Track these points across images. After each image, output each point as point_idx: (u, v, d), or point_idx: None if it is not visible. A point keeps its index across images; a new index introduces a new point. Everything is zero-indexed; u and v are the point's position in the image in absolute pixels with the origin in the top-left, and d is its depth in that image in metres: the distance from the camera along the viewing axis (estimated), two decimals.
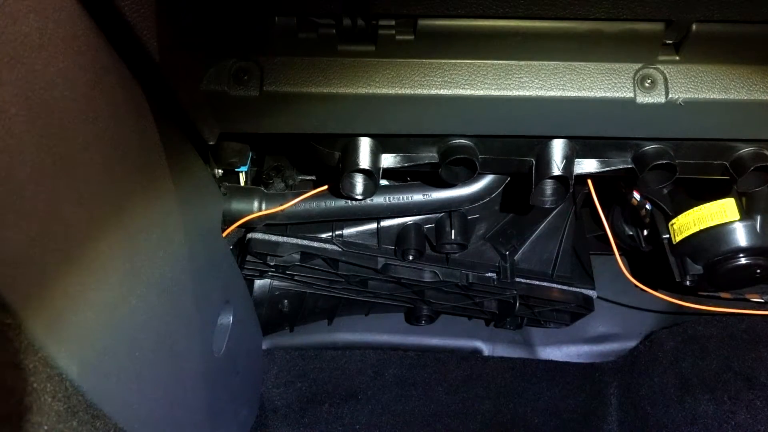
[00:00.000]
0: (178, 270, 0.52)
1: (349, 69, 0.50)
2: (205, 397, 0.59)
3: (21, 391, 0.32)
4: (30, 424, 0.32)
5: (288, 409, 0.85)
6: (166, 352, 0.50)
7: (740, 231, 0.69)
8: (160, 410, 0.50)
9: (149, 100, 0.45)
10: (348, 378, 0.87)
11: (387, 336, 0.89)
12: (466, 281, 0.74)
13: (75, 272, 0.36)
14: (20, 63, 0.30)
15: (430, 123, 0.53)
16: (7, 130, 0.29)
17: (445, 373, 0.88)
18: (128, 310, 0.43)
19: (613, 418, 0.83)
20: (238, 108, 0.51)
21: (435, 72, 0.50)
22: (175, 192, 0.51)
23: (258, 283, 0.77)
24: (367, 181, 0.60)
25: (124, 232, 0.42)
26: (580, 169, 0.59)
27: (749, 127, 0.53)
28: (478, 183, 0.66)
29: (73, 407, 0.36)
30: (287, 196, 0.67)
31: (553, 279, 0.77)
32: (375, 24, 0.47)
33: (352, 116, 0.52)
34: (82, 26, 0.35)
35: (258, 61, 0.50)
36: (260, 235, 0.70)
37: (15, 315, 0.31)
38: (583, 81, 0.50)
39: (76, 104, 0.35)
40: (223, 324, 0.65)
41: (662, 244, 0.74)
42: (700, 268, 0.72)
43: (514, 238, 0.74)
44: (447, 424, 0.85)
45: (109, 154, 0.40)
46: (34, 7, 0.30)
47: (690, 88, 0.50)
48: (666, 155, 0.55)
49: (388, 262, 0.72)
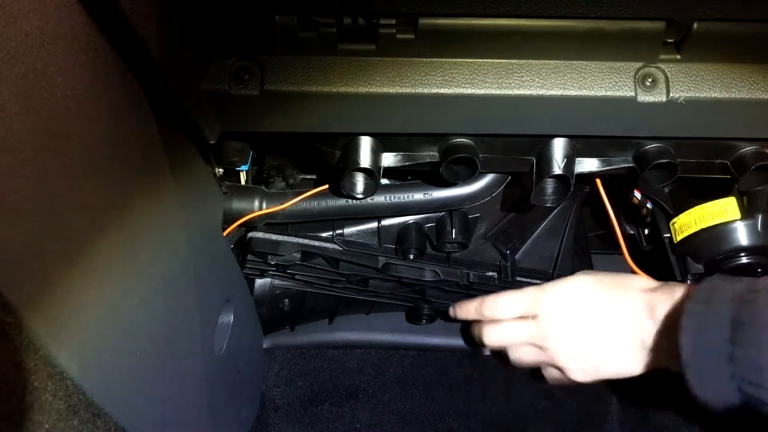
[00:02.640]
0: (178, 269, 0.52)
1: (350, 68, 0.50)
2: (205, 396, 0.59)
3: (22, 389, 0.32)
4: (31, 422, 0.33)
5: (289, 407, 0.85)
6: (166, 350, 0.50)
7: (741, 230, 0.69)
8: (160, 409, 0.50)
9: (150, 99, 0.45)
10: (349, 377, 0.87)
11: (388, 335, 0.89)
12: (466, 280, 0.74)
13: (76, 271, 0.36)
14: (21, 62, 0.30)
15: (431, 122, 0.53)
16: (7, 130, 0.29)
17: (446, 373, 0.88)
18: (129, 309, 0.43)
19: (614, 417, 0.83)
20: (238, 107, 0.51)
21: (436, 71, 0.50)
22: (175, 191, 0.51)
23: (259, 282, 0.77)
24: (368, 180, 0.60)
25: (125, 232, 0.42)
26: (581, 168, 0.59)
27: (750, 126, 0.53)
28: (479, 182, 0.66)
29: (73, 406, 0.36)
30: (288, 195, 0.67)
31: (554, 278, 0.77)
32: (375, 23, 0.47)
33: (352, 115, 0.52)
34: (83, 25, 0.35)
35: (258, 60, 0.50)
36: (261, 234, 0.70)
37: (16, 314, 0.31)
38: (584, 80, 0.50)
39: (76, 103, 0.35)
40: (223, 323, 0.65)
41: (663, 243, 0.74)
42: (701, 267, 0.72)
43: (515, 237, 0.74)
44: (448, 423, 0.85)
45: (110, 153, 0.40)
46: (34, 5, 0.30)
47: (691, 86, 0.50)
48: (667, 154, 0.55)
49: (388, 261, 0.72)
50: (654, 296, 0.63)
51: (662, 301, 0.62)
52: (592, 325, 0.67)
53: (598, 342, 0.67)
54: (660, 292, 0.64)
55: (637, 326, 0.64)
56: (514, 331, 0.72)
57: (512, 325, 0.72)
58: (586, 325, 0.67)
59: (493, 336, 0.73)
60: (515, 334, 0.72)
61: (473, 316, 0.75)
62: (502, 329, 0.73)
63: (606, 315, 0.66)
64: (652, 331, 0.63)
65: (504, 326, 0.72)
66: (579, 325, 0.68)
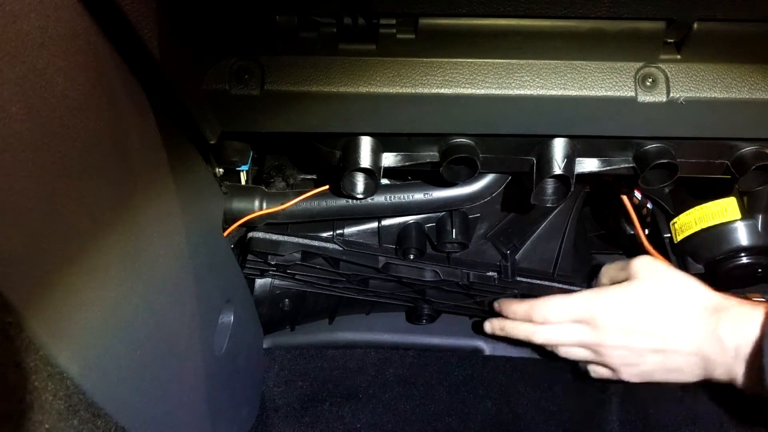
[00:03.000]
0: (179, 269, 0.52)
1: (350, 68, 0.50)
2: (205, 396, 0.59)
3: (22, 389, 0.32)
4: (31, 422, 0.32)
5: (289, 407, 0.85)
6: (167, 351, 0.50)
7: (741, 230, 0.69)
8: (160, 409, 0.50)
9: (150, 99, 0.45)
10: (349, 377, 0.87)
11: (388, 335, 0.89)
12: (467, 280, 0.74)
13: (76, 271, 0.36)
14: (21, 62, 0.30)
15: (431, 122, 0.53)
16: (7, 129, 0.29)
17: (446, 373, 0.88)
18: (129, 309, 0.43)
19: (614, 417, 0.83)
20: (239, 107, 0.51)
21: (436, 71, 0.50)
22: (176, 191, 0.51)
23: (259, 282, 0.77)
24: (368, 180, 0.60)
25: (125, 232, 0.42)
26: (582, 168, 0.59)
27: (751, 126, 0.53)
28: (479, 182, 0.66)
29: (74, 406, 0.36)
30: (288, 195, 0.67)
31: (555, 278, 0.77)
32: (376, 23, 0.47)
33: (352, 115, 0.52)
34: (83, 25, 0.35)
35: (259, 60, 0.50)
36: (261, 234, 0.70)
37: (16, 314, 0.31)
38: (584, 80, 0.50)
39: (76, 103, 0.35)
40: (224, 323, 0.65)
41: (663, 244, 0.74)
42: (701, 268, 0.72)
43: (515, 237, 0.74)
44: (448, 423, 0.85)
45: (110, 153, 0.40)
46: (35, 5, 0.30)
47: (691, 87, 0.50)
48: (667, 154, 0.55)
49: (389, 261, 0.72)
50: (719, 313, 0.63)
51: (729, 319, 0.62)
52: (651, 337, 0.67)
53: (656, 354, 0.67)
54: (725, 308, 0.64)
55: (701, 343, 0.64)
56: (566, 334, 0.71)
57: (564, 328, 0.71)
58: (646, 336, 0.67)
59: (542, 336, 0.73)
60: (567, 337, 0.71)
61: (520, 317, 0.75)
62: (553, 331, 0.72)
63: (667, 328, 0.66)
64: (715, 348, 0.63)
65: (555, 328, 0.72)
66: (637, 334, 0.67)
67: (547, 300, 0.72)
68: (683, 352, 0.65)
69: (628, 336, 0.67)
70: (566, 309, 0.71)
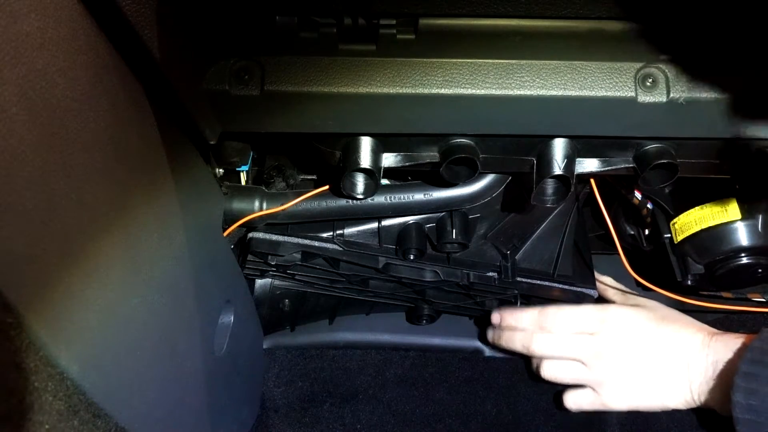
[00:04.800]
0: (179, 269, 0.52)
1: (350, 68, 0.50)
2: (205, 397, 0.59)
3: (22, 390, 0.32)
4: (31, 423, 0.32)
5: (289, 408, 0.85)
6: (167, 351, 0.50)
7: (742, 230, 0.69)
8: (160, 409, 0.50)
9: (150, 99, 0.45)
10: (349, 377, 0.87)
11: (388, 335, 0.89)
12: (467, 280, 0.74)
13: (76, 272, 0.36)
14: (21, 62, 0.30)
15: (431, 122, 0.53)
16: (7, 130, 0.29)
17: (447, 373, 0.88)
18: (129, 309, 0.43)
19: (615, 420, 0.83)
20: (239, 107, 0.51)
21: (436, 71, 0.50)
22: (176, 191, 0.51)
23: (259, 282, 0.77)
24: (368, 181, 0.60)
25: (125, 232, 0.42)
26: (582, 168, 0.59)
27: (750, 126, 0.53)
28: (479, 182, 0.66)
29: (74, 406, 0.36)
30: (288, 196, 0.67)
31: (555, 278, 0.76)
32: (376, 23, 0.47)
33: (353, 115, 0.52)
34: (83, 25, 0.35)
35: (259, 60, 0.50)
36: (261, 235, 0.70)
37: (16, 314, 0.31)
38: (584, 80, 0.50)
39: (76, 103, 0.35)
40: (224, 323, 0.65)
41: (663, 244, 0.74)
42: (701, 268, 0.72)
43: (515, 238, 0.74)
44: (448, 424, 0.84)
45: (110, 153, 0.40)
46: (34, 6, 0.30)
47: (692, 87, 0.50)
48: (667, 154, 0.55)
49: (389, 261, 0.72)
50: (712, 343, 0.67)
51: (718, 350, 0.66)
52: (647, 356, 0.69)
53: (648, 372, 0.69)
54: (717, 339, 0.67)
55: (690, 369, 0.67)
56: (568, 344, 0.72)
57: (567, 338, 0.72)
58: (643, 353, 0.69)
59: (542, 345, 0.73)
60: (567, 348, 0.72)
61: (524, 324, 0.75)
62: (554, 340, 0.73)
63: (662, 350, 0.69)
64: (701, 378, 0.67)
65: (557, 338, 0.73)
66: (636, 351, 0.70)
67: (555, 308, 0.74)
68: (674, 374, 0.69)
69: (628, 350, 0.70)
70: (573, 318, 0.72)
